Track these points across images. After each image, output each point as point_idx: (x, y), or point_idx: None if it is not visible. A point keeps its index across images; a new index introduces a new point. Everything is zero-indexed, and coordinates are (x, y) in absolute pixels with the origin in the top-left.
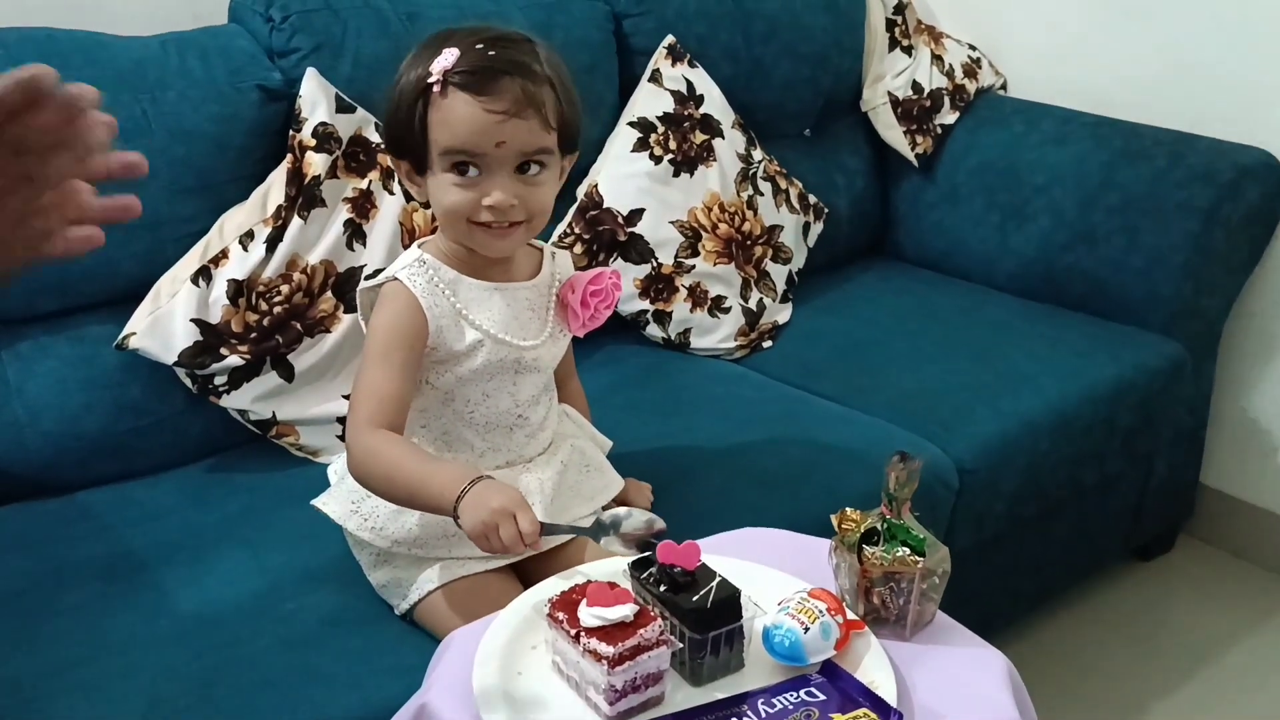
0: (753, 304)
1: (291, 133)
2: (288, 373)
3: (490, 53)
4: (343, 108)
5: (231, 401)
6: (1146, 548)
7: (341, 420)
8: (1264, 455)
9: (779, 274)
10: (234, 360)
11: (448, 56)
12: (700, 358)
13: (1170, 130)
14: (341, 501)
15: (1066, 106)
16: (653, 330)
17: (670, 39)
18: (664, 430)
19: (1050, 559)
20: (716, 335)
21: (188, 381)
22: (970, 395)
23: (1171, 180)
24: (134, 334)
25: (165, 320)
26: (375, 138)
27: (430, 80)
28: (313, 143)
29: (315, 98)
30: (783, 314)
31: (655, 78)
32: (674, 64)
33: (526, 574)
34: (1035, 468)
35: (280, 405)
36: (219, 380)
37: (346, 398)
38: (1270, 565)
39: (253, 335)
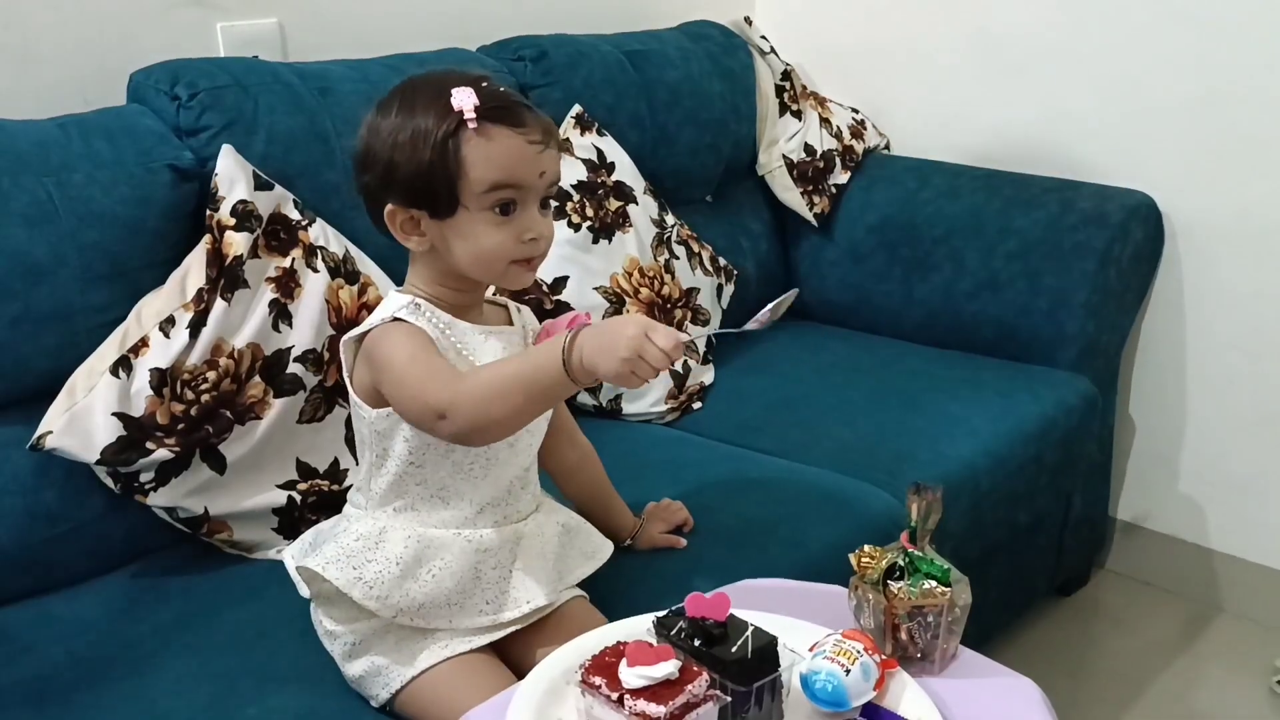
0: (678, 366)
1: (209, 212)
2: (219, 464)
3: (500, 89)
4: (260, 185)
5: (159, 499)
6: (1067, 583)
7: (276, 511)
8: (1164, 484)
9: (699, 336)
10: (162, 454)
11: (467, 94)
12: (633, 423)
13: (1055, 178)
14: (344, 568)
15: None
16: (584, 399)
17: (578, 108)
18: None
19: (989, 601)
20: (647, 400)
21: (109, 481)
22: (908, 441)
23: (1065, 224)
24: (50, 433)
25: (84, 416)
26: (295, 215)
27: (466, 117)
28: (232, 222)
29: (233, 175)
30: (707, 375)
31: (566, 147)
32: (583, 133)
33: (508, 655)
34: (977, 508)
35: (212, 499)
36: (145, 477)
37: (281, 487)
38: (1180, 590)
39: (180, 426)
